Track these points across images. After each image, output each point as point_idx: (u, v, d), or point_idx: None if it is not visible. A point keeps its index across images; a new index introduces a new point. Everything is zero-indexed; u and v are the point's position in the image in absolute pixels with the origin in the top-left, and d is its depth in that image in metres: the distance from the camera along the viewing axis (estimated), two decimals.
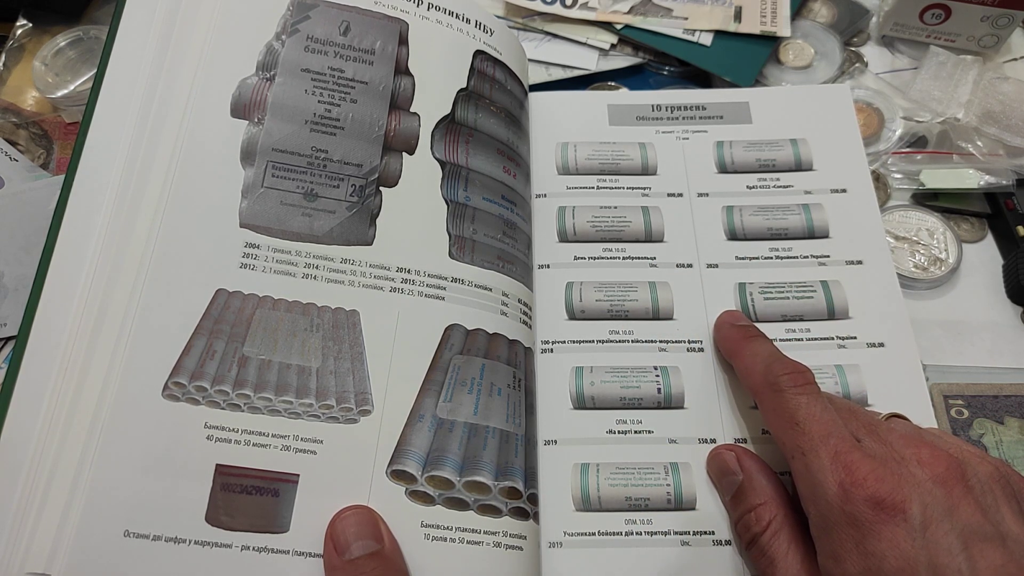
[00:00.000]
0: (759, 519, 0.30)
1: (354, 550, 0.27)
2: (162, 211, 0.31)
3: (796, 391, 0.30)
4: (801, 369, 0.31)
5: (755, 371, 0.32)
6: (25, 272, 0.39)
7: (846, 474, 0.26)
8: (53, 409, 0.28)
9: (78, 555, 0.27)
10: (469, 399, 0.32)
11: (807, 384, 0.30)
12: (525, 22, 0.50)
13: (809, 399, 0.29)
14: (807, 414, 0.29)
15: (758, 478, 0.32)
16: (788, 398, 0.29)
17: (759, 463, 0.32)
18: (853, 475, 0.26)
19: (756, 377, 0.32)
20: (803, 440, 0.28)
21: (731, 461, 0.33)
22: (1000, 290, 0.42)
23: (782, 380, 0.30)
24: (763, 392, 0.31)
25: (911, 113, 0.46)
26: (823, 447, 0.27)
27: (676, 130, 0.43)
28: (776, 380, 0.30)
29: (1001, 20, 0.47)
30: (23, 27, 0.48)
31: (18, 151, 0.44)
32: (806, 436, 0.28)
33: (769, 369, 0.31)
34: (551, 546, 0.32)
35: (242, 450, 0.29)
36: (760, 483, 0.31)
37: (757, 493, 0.31)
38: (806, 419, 0.28)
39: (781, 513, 0.30)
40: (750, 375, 0.32)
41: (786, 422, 0.29)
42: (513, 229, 0.37)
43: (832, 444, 0.27)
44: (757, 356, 0.32)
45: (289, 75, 0.35)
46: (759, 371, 0.32)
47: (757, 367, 0.32)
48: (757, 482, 0.31)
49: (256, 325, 0.31)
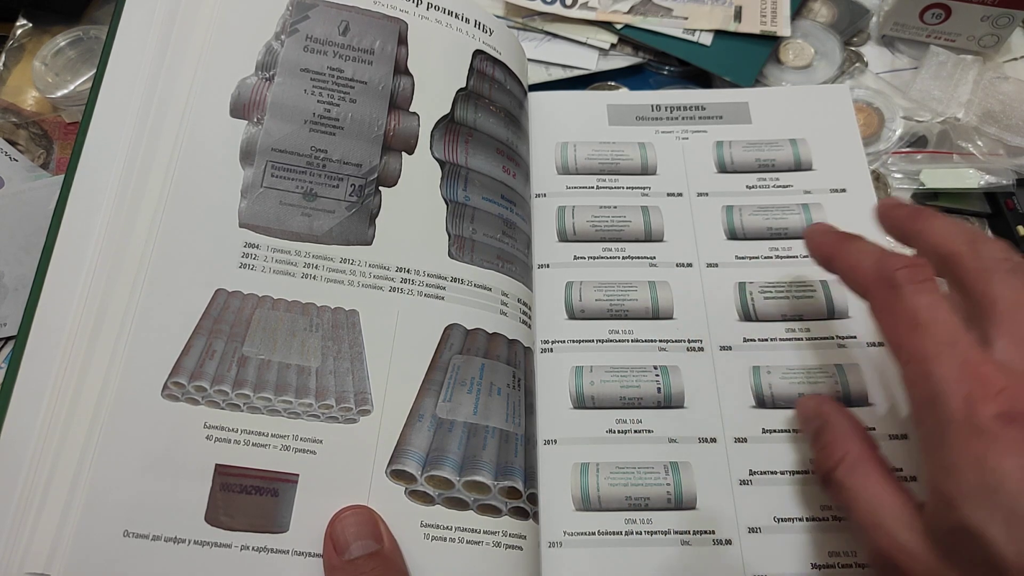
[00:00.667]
0: (831, 454, 0.29)
1: (354, 550, 0.27)
2: (162, 211, 0.31)
3: (916, 288, 0.26)
4: (920, 263, 0.27)
5: (863, 267, 0.29)
6: (25, 272, 0.39)
7: (975, 385, 0.24)
8: (53, 409, 0.28)
9: (77, 555, 0.27)
10: (469, 399, 0.32)
11: (927, 280, 0.27)
12: (525, 22, 0.50)
13: (932, 298, 0.26)
14: (930, 315, 0.26)
15: (834, 418, 0.31)
16: (906, 295, 0.26)
17: (839, 408, 0.31)
18: (985, 388, 0.23)
19: (866, 273, 0.28)
20: (926, 344, 0.25)
21: (809, 408, 0.32)
22: None
23: (899, 275, 0.27)
24: (876, 289, 0.28)
25: (911, 113, 0.46)
26: (948, 353, 0.25)
27: (676, 130, 0.43)
28: (892, 275, 0.27)
29: (1001, 20, 0.47)
30: (23, 27, 0.48)
31: (18, 151, 0.44)
32: (930, 339, 0.25)
33: (883, 263, 0.28)
34: (551, 546, 0.32)
35: (242, 450, 0.29)
36: (837, 422, 0.30)
37: (832, 431, 0.30)
38: (929, 320, 0.25)
39: (856, 448, 0.29)
40: (857, 272, 0.29)
41: (905, 323, 0.26)
42: (513, 229, 0.37)
43: (960, 350, 0.24)
44: (864, 252, 0.29)
45: (288, 75, 0.35)
46: (869, 265, 0.28)
47: (865, 262, 0.29)
48: (833, 421, 0.30)
49: (256, 325, 0.31)
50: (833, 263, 0.31)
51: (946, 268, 0.28)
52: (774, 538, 0.32)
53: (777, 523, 0.33)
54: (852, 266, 0.30)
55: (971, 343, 0.25)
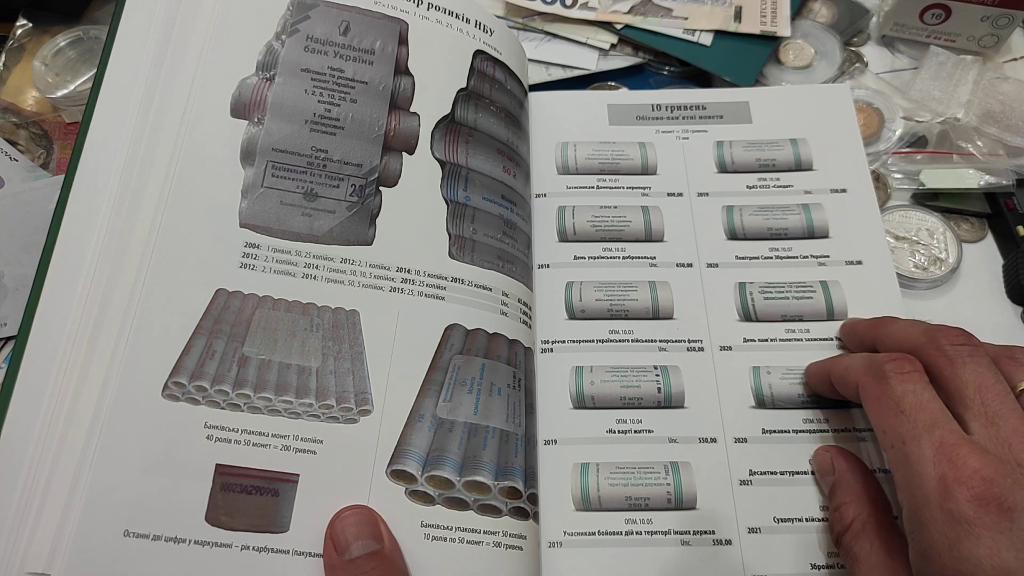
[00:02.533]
0: (843, 517, 0.30)
1: (354, 550, 0.27)
2: (162, 211, 0.31)
3: (902, 377, 0.28)
4: (906, 356, 0.29)
5: (855, 367, 0.30)
6: (25, 272, 0.39)
7: (949, 467, 0.24)
8: (53, 409, 0.28)
9: (78, 555, 0.27)
10: (469, 399, 0.32)
11: (914, 371, 0.28)
12: (525, 22, 0.50)
13: (916, 386, 0.27)
14: (913, 401, 0.27)
15: (847, 477, 0.31)
16: (892, 384, 0.28)
17: (852, 462, 0.32)
18: (958, 470, 0.24)
19: (857, 371, 0.30)
20: (906, 427, 0.26)
21: (825, 462, 0.33)
22: (1000, 290, 0.42)
23: (887, 367, 0.28)
24: (865, 382, 0.29)
25: (911, 113, 0.46)
26: (927, 436, 0.26)
27: (676, 130, 0.43)
28: (880, 367, 0.29)
29: (1001, 20, 0.47)
30: (23, 27, 0.48)
31: (18, 151, 0.44)
32: (911, 423, 0.26)
33: (871, 359, 0.30)
34: (551, 546, 0.32)
35: (242, 450, 0.29)
36: (848, 481, 0.31)
37: (844, 491, 0.31)
38: (912, 406, 0.27)
39: (866, 512, 0.29)
40: (849, 372, 0.31)
41: (890, 410, 0.27)
42: (513, 229, 0.37)
43: (938, 434, 0.25)
44: (854, 357, 0.31)
45: (289, 75, 0.35)
46: (857, 366, 0.30)
47: (855, 364, 0.31)
48: (846, 481, 0.31)
49: (256, 325, 0.31)
50: (832, 376, 0.33)
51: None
52: (774, 538, 0.32)
53: (777, 523, 0.33)
54: (844, 367, 0.32)
55: (949, 427, 0.26)
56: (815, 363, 0.35)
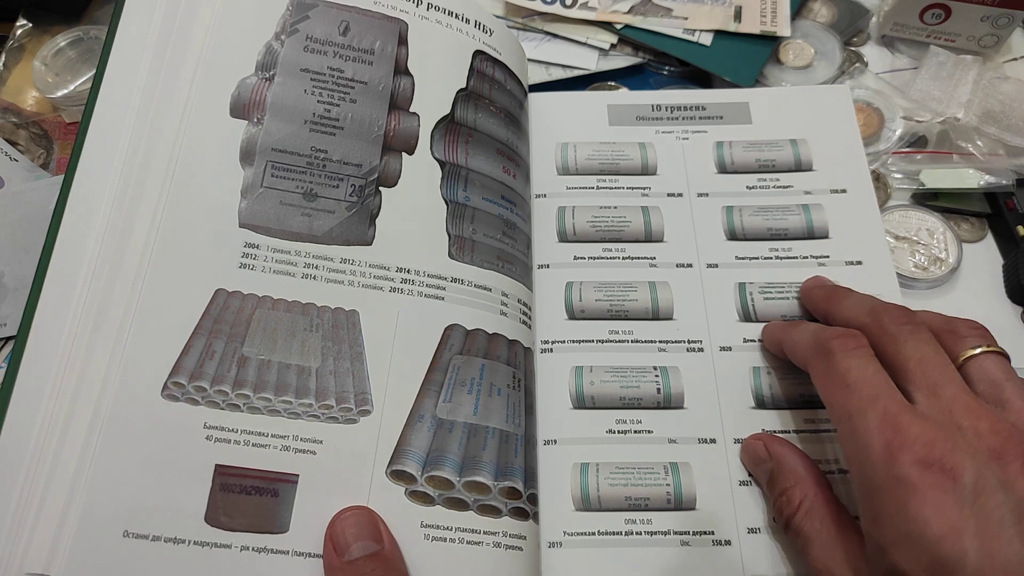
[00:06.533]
0: (790, 501, 0.30)
1: (354, 551, 0.27)
2: (161, 211, 0.31)
3: (847, 353, 0.29)
4: (852, 332, 0.30)
5: (802, 343, 0.32)
6: (25, 272, 0.39)
7: (893, 434, 0.25)
8: (52, 409, 0.28)
9: (77, 555, 0.27)
10: (469, 399, 0.32)
11: (858, 347, 0.29)
12: (525, 22, 0.50)
13: (860, 361, 0.28)
14: (858, 375, 0.28)
15: (787, 461, 0.32)
16: (838, 360, 0.29)
17: (788, 447, 0.32)
18: (901, 436, 0.25)
19: (805, 346, 0.31)
20: (852, 401, 0.27)
21: (760, 450, 0.33)
22: (1000, 290, 0.42)
23: (833, 343, 0.29)
24: (813, 358, 0.30)
25: (911, 113, 0.46)
26: (871, 408, 0.27)
27: (676, 130, 0.43)
28: (827, 343, 0.30)
29: (1001, 20, 0.47)
30: (23, 27, 0.48)
31: (18, 151, 0.44)
32: (856, 396, 0.27)
33: (818, 335, 0.30)
34: (551, 546, 0.32)
35: (241, 450, 0.29)
36: (789, 466, 0.31)
37: (787, 476, 0.31)
38: (857, 379, 0.28)
39: (812, 492, 0.30)
40: (799, 347, 0.32)
41: (836, 385, 0.28)
42: (513, 229, 0.37)
43: (881, 404, 0.26)
44: (804, 330, 0.32)
45: (288, 75, 0.35)
46: (806, 341, 0.31)
47: (804, 339, 0.32)
48: (786, 465, 0.31)
49: (256, 325, 0.31)
50: (783, 347, 0.34)
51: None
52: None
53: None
54: (794, 343, 0.33)
55: (893, 398, 0.27)
56: (770, 325, 0.36)
